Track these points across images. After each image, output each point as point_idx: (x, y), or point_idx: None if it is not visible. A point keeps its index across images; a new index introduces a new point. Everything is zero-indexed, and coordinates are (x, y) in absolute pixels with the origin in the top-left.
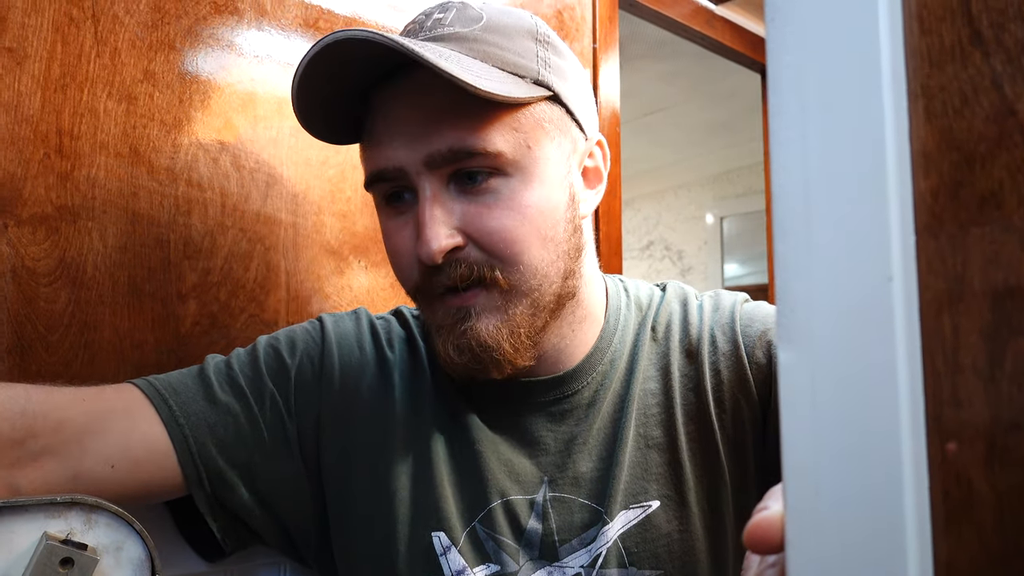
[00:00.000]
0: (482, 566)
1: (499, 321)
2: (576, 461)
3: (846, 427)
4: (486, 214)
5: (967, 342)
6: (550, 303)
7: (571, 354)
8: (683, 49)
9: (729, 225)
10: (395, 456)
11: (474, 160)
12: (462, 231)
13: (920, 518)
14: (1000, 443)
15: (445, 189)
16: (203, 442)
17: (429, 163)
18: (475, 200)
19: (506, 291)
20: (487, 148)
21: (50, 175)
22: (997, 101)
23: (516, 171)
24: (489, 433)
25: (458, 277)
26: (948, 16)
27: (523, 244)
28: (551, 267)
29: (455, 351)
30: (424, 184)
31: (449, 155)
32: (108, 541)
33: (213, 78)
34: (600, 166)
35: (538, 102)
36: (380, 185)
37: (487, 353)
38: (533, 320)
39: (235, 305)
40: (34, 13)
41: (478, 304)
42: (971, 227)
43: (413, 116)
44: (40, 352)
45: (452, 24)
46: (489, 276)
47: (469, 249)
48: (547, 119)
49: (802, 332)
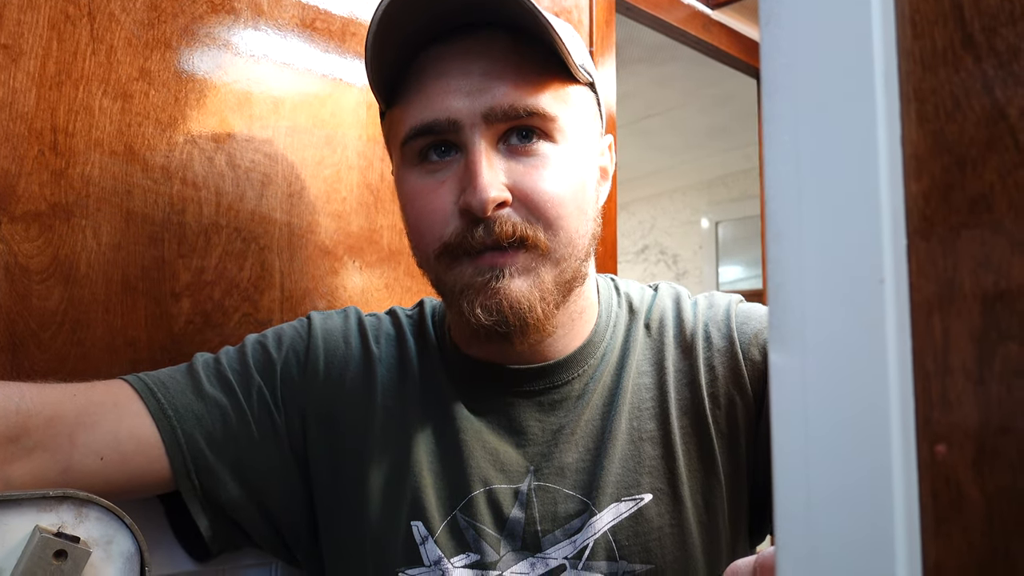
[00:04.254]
0: (461, 555)
1: (532, 283)
2: (562, 451)
3: (837, 428)
4: (535, 174)
5: (957, 344)
6: (570, 280)
7: (565, 344)
8: (679, 53)
9: (724, 230)
10: (378, 447)
11: (531, 120)
12: (510, 188)
13: (909, 520)
14: (989, 445)
15: (495, 146)
16: (191, 435)
17: (488, 116)
18: (524, 160)
19: (542, 255)
20: (547, 110)
21: (44, 172)
22: (988, 105)
23: (563, 139)
24: (475, 422)
25: (503, 234)
26: (940, 20)
27: (566, 209)
28: (581, 240)
29: (483, 311)
30: (477, 138)
31: (510, 111)
32: (99, 535)
33: (209, 77)
34: (608, 165)
35: (584, 84)
36: (421, 140)
37: (519, 315)
38: (556, 292)
39: (229, 304)
40: (30, 9)
41: (517, 264)
42: (962, 230)
43: (473, 70)
44: (33, 350)
45: None
46: (532, 237)
47: (515, 207)
48: (587, 104)
49: (794, 334)
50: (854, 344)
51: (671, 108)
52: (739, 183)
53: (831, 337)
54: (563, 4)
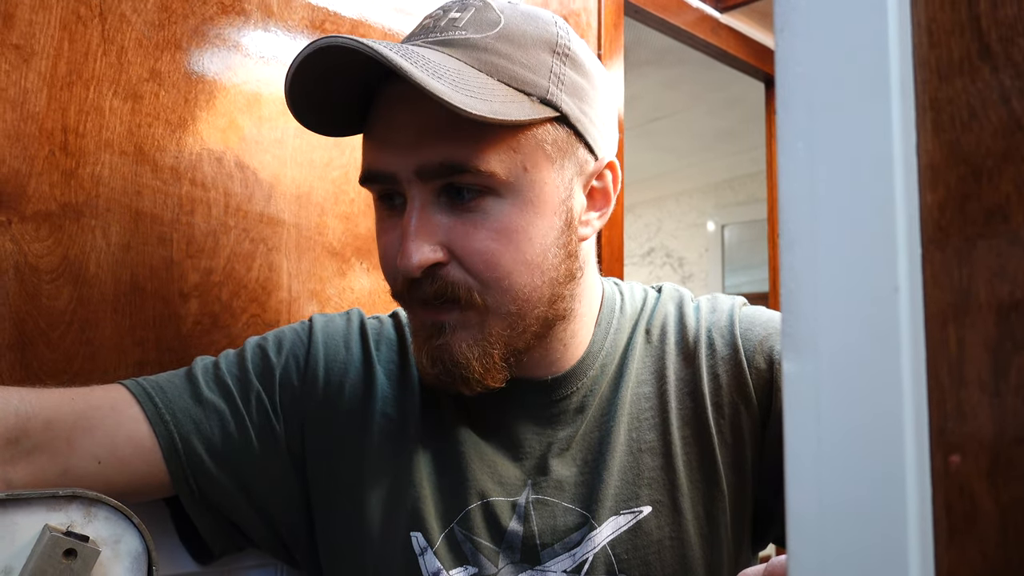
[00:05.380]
0: (459, 568)
1: (472, 339)
2: (560, 465)
3: (850, 437)
4: (472, 234)
5: (972, 355)
6: (532, 326)
7: (561, 363)
8: (687, 56)
9: (730, 233)
10: (377, 455)
11: (465, 176)
12: (446, 247)
13: (923, 531)
14: (1004, 456)
15: (435, 201)
16: (189, 439)
17: (420, 173)
18: (463, 217)
19: (483, 311)
20: (480, 167)
21: (55, 172)
22: (1005, 115)
23: (509, 193)
24: (474, 435)
25: (434, 292)
26: (957, 30)
27: (506, 269)
28: (534, 292)
29: (428, 361)
30: (414, 194)
31: (441, 169)
32: (107, 534)
33: (219, 78)
34: (609, 188)
35: (541, 124)
36: (373, 185)
37: (457, 369)
38: (512, 341)
39: (237, 305)
40: (42, 10)
41: (451, 320)
42: (977, 240)
43: (410, 123)
44: (41, 349)
45: (466, 28)
46: (466, 297)
47: (451, 267)
48: (549, 141)
49: (808, 343)
50: (868, 353)
51: (678, 111)
52: (746, 186)
53: (845, 346)
54: (571, 7)
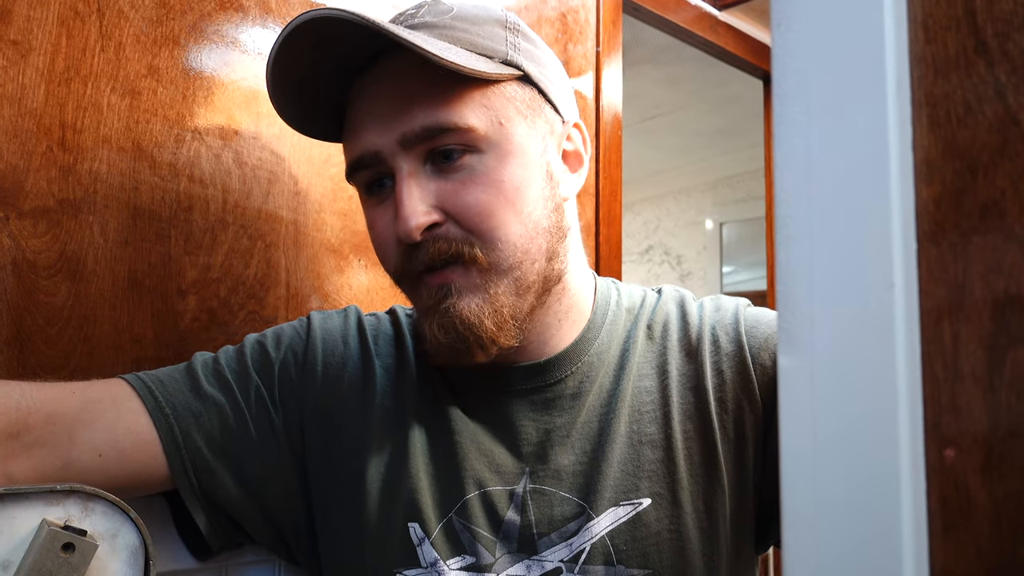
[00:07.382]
0: (457, 558)
1: (481, 300)
2: (558, 453)
3: (845, 432)
4: (462, 190)
5: (967, 350)
6: (535, 284)
7: (555, 343)
8: (686, 54)
9: (729, 231)
10: (374, 448)
11: (447, 137)
12: (440, 208)
13: (917, 524)
14: (998, 451)
15: (421, 169)
16: (189, 432)
17: (403, 143)
18: (451, 177)
19: (486, 269)
20: (458, 123)
21: (52, 168)
22: (1000, 110)
23: (489, 147)
24: (470, 424)
25: (436, 252)
26: (953, 25)
27: (499, 219)
28: (531, 243)
29: (440, 331)
30: (400, 164)
31: (423, 133)
32: (104, 529)
33: (217, 74)
34: (580, 149)
35: (508, 80)
36: (360, 174)
37: (470, 331)
38: (517, 301)
39: (235, 301)
40: (39, 6)
41: (457, 281)
42: (973, 235)
43: (386, 100)
44: (39, 345)
45: (424, 16)
46: (468, 253)
47: (448, 226)
48: (518, 98)
49: (803, 337)
50: (863, 348)
51: (677, 109)
52: (744, 184)
53: (840, 341)
54: (570, 4)
